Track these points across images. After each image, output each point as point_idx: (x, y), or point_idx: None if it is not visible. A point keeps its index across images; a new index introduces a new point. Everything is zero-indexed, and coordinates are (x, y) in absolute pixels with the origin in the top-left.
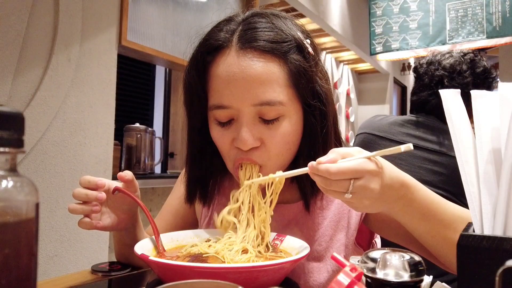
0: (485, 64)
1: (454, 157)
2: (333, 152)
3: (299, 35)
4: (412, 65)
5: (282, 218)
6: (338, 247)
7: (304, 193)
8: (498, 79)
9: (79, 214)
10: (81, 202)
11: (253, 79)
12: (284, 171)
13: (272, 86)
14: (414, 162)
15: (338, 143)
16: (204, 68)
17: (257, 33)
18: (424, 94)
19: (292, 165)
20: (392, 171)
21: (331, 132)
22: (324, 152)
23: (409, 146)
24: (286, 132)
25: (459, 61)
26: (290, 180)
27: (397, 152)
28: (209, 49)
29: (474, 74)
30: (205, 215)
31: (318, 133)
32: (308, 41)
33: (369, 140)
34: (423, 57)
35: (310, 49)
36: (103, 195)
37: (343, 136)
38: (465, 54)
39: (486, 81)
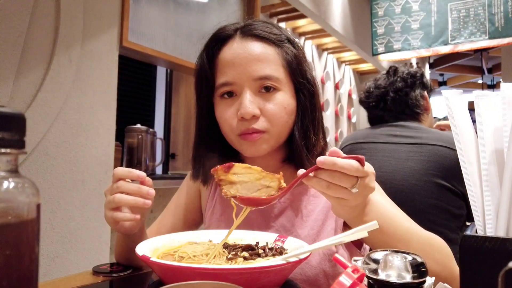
0: (408, 69)
1: (436, 145)
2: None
3: (288, 34)
4: (414, 65)
5: (279, 205)
6: (328, 231)
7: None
8: (501, 80)
9: (126, 205)
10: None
11: (253, 57)
12: (279, 150)
13: (269, 64)
14: (401, 156)
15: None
16: (213, 55)
17: (255, 27)
18: (377, 112)
19: (287, 144)
20: None
21: (319, 111)
22: (314, 129)
23: (375, 225)
24: (282, 104)
25: (386, 76)
26: (295, 168)
27: (362, 236)
28: (218, 38)
29: (402, 79)
30: (209, 207)
31: (308, 109)
32: (296, 39)
33: (354, 148)
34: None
35: (299, 44)
36: (153, 191)
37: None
38: (388, 71)
39: (415, 80)
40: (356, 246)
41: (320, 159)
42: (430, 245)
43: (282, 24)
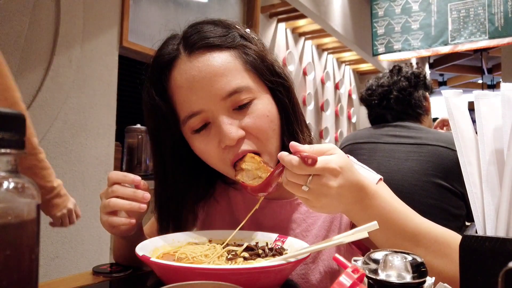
0: (412, 70)
1: (435, 146)
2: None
3: (238, 26)
4: (414, 65)
5: (275, 215)
6: (331, 248)
7: None
8: (501, 80)
9: (121, 210)
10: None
11: (213, 75)
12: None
13: (233, 74)
14: (401, 156)
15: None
16: (162, 86)
17: (200, 34)
18: (379, 111)
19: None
20: (353, 174)
21: (298, 105)
22: (300, 126)
23: (375, 225)
24: (263, 113)
25: (389, 75)
26: None
27: (362, 237)
28: (161, 65)
29: (406, 79)
30: (200, 214)
31: (289, 106)
32: (248, 30)
33: (354, 149)
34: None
35: (253, 35)
36: (149, 195)
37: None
38: (391, 70)
39: (418, 81)
40: (362, 253)
41: (279, 153)
42: (447, 244)
43: (282, 24)
